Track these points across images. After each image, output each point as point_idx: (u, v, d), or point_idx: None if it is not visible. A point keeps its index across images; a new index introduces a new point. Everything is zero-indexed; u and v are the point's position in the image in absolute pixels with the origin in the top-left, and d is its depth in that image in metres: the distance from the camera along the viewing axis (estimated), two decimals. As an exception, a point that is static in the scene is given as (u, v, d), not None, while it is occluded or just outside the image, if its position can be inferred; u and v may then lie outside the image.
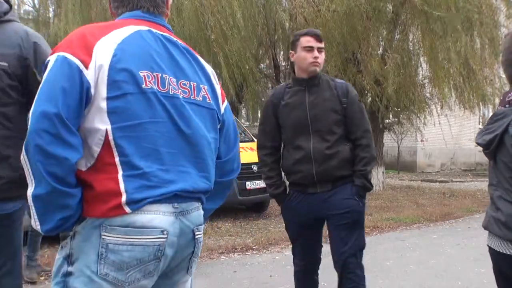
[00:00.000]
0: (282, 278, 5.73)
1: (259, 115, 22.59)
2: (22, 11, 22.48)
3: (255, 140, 11.94)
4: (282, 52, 16.00)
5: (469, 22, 11.78)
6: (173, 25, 13.14)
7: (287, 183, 3.71)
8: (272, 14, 13.46)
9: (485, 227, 2.36)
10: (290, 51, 3.56)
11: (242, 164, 10.39)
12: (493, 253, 2.33)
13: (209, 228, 8.93)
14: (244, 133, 11.93)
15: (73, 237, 1.79)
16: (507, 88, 2.45)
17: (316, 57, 3.38)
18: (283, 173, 3.73)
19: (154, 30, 1.97)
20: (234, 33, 12.26)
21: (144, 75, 1.81)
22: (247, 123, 24.11)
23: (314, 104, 3.39)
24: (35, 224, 1.72)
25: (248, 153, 10.76)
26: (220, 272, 6.07)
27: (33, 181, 1.67)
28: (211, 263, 6.50)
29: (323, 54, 3.46)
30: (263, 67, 16.69)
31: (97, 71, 1.73)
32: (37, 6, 22.71)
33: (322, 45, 3.44)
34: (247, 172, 10.09)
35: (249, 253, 7.07)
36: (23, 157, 1.68)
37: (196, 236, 1.96)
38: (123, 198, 1.73)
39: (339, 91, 3.43)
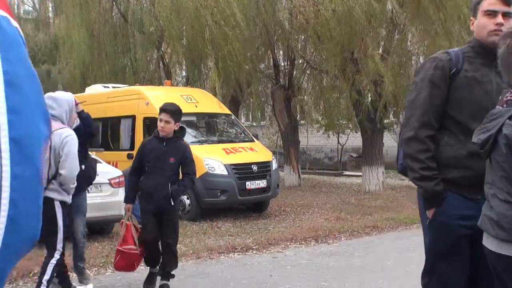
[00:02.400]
0: (282, 278, 5.74)
1: (259, 115, 22.65)
2: (22, 11, 22.46)
3: (255, 140, 12.00)
4: (282, 52, 16.00)
5: (469, 21, 11.77)
6: (172, 26, 13.16)
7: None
8: (271, 14, 13.46)
9: (480, 226, 2.36)
10: (471, 18, 2.84)
11: (242, 164, 10.39)
12: (488, 252, 2.33)
13: (209, 228, 8.94)
14: (244, 133, 11.94)
15: None
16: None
17: (499, 24, 2.61)
18: None
19: None
20: (237, 33, 12.27)
21: None
22: (247, 123, 24.10)
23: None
24: None
25: (248, 153, 10.77)
26: (220, 272, 6.08)
27: None
28: (211, 263, 6.50)
29: (510, 21, 2.64)
30: (263, 67, 16.69)
31: None
32: (37, 6, 22.70)
33: (510, 9, 2.64)
34: (247, 172, 10.10)
35: (249, 253, 7.07)
36: None
37: None
38: None
39: None
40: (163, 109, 5.04)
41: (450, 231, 2.66)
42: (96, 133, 5.40)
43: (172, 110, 5.04)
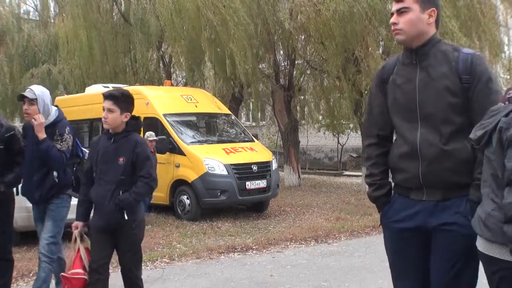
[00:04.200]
0: (282, 278, 5.74)
1: (259, 115, 22.66)
2: (22, 11, 22.47)
3: (255, 140, 12.00)
4: (282, 52, 16.01)
5: (469, 21, 11.80)
6: (173, 27, 13.17)
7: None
8: (272, 13, 13.46)
9: (472, 225, 2.34)
10: None
11: (242, 164, 10.34)
12: (478, 252, 2.31)
13: (209, 228, 8.94)
14: (244, 133, 11.94)
15: None
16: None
17: (393, 23, 2.63)
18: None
19: None
20: (240, 29, 12.26)
21: None
22: (247, 123, 24.12)
23: (424, 83, 2.57)
24: None
25: (248, 153, 10.77)
26: (220, 272, 6.08)
27: None
28: (211, 263, 6.50)
29: (407, 15, 2.58)
30: (263, 67, 16.69)
31: None
32: (38, 6, 22.71)
33: (402, 4, 2.59)
34: (247, 172, 10.10)
35: (249, 253, 7.08)
36: None
37: None
38: None
39: (460, 65, 2.54)
40: (104, 95, 3.93)
41: (390, 233, 2.74)
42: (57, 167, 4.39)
43: (115, 96, 3.86)
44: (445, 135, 2.49)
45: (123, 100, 3.87)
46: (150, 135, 9.41)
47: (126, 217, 3.80)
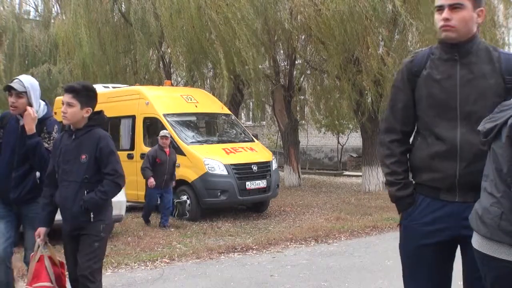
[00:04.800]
0: (282, 278, 5.74)
1: (259, 115, 22.64)
2: (22, 11, 22.47)
3: (255, 140, 12.00)
4: (282, 52, 16.01)
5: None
6: (173, 27, 13.16)
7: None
8: (272, 14, 13.46)
9: (469, 220, 2.31)
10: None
11: (242, 164, 10.31)
12: (474, 250, 2.28)
13: (209, 228, 8.94)
14: (244, 133, 11.94)
15: None
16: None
17: (444, 19, 2.49)
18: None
19: None
20: (243, 28, 12.26)
21: None
22: (247, 123, 24.12)
23: (466, 81, 2.49)
24: None
25: (248, 153, 10.77)
26: (220, 272, 6.08)
27: None
28: (211, 263, 6.50)
29: (461, 12, 2.47)
30: (263, 67, 16.70)
31: None
32: (38, 6, 22.70)
33: (456, 0, 2.47)
34: (247, 172, 10.10)
35: (249, 253, 7.07)
36: None
37: None
38: None
39: (502, 65, 2.48)
40: (64, 88, 3.65)
41: (413, 235, 2.62)
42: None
43: (75, 89, 3.55)
44: None
45: (84, 94, 3.56)
46: (163, 132, 9.33)
47: (92, 219, 3.51)
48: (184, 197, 9.90)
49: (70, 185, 3.52)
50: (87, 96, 3.57)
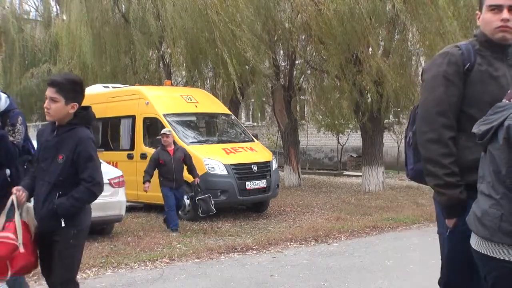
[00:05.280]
0: (282, 278, 5.74)
1: (259, 115, 22.63)
2: (22, 11, 22.49)
3: (255, 140, 11.99)
4: (282, 52, 16.01)
5: (468, 21, 11.80)
6: (173, 26, 13.16)
7: None
8: (272, 14, 13.46)
9: (466, 221, 2.31)
10: (476, 12, 2.65)
11: (242, 164, 10.26)
12: (472, 250, 2.29)
13: (209, 228, 8.94)
14: (244, 133, 11.94)
15: None
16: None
17: (504, 19, 2.41)
18: None
19: None
20: (244, 28, 12.26)
21: None
22: (247, 123, 24.12)
23: None
24: None
25: (248, 153, 10.77)
26: (220, 272, 6.08)
27: None
28: (211, 263, 6.50)
29: None
30: (263, 67, 16.71)
31: None
32: (38, 6, 22.70)
33: None
34: (247, 172, 10.10)
35: (249, 253, 7.07)
36: None
37: None
38: None
39: None
40: (47, 82, 3.36)
41: (466, 240, 2.38)
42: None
43: (59, 83, 3.24)
44: None
45: (69, 88, 3.23)
46: (163, 130, 9.12)
47: (63, 224, 3.22)
48: (206, 194, 9.18)
49: (44, 186, 3.26)
50: (72, 90, 3.25)
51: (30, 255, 3.22)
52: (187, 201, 9.90)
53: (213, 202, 9.19)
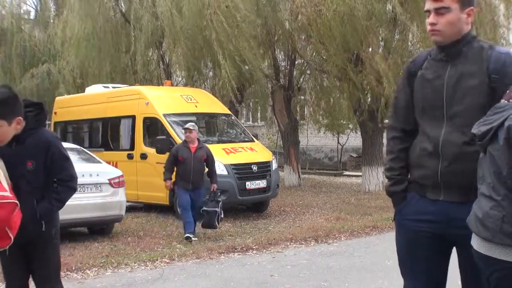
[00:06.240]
0: (282, 278, 5.74)
1: (259, 115, 22.65)
2: (22, 11, 22.47)
3: (255, 140, 11.99)
4: (282, 52, 16.01)
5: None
6: (173, 26, 13.16)
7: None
8: (272, 14, 13.46)
9: (467, 222, 2.29)
10: None
11: (242, 164, 10.23)
12: (473, 251, 2.27)
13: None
14: (244, 133, 11.94)
15: None
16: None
17: (431, 23, 2.51)
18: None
19: None
20: (243, 28, 12.26)
21: None
22: (247, 123, 24.11)
23: (454, 81, 2.50)
24: None
25: (248, 153, 10.77)
26: (220, 272, 6.08)
27: None
28: (211, 263, 6.50)
29: (447, 16, 2.47)
30: (263, 67, 16.72)
31: None
32: (38, 6, 22.69)
33: (441, 4, 2.47)
34: (247, 172, 10.10)
35: (249, 253, 7.07)
36: None
37: None
38: None
39: (490, 64, 2.43)
40: None
41: (404, 230, 2.66)
42: None
43: None
44: (470, 135, 2.32)
45: (4, 109, 2.95)
46: (187, 125, 8.41)
47: (44, 228, 3.13)
48: (214, 208, 8.03)
49: (20, 195, 3.00)
50: (8, 109, 2.97)
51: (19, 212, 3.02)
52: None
53: (221, 217, 8.09)
